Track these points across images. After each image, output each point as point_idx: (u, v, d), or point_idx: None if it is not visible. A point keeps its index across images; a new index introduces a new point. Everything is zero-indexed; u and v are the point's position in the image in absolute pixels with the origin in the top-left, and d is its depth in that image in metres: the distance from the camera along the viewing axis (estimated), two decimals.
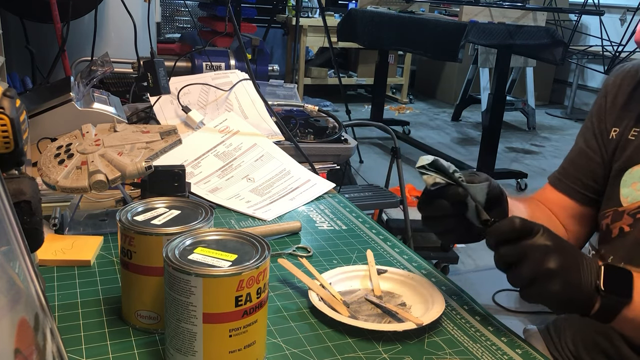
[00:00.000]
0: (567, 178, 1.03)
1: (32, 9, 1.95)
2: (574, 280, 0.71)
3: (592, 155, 1.00)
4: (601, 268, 0.73)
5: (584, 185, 1.01)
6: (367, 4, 4.44)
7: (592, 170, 1.00)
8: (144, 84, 1.43)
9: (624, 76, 0.98)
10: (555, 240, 0.72)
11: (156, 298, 0.72)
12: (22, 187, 0.67)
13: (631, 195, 0.91)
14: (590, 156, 1.00)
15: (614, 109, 0.98)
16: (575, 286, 0.71)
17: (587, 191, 1.01)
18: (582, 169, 1.02)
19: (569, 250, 0.72)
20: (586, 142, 1.02)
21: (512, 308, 2.54)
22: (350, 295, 0.86)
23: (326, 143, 1.48)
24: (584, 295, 0.72)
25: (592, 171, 1.00)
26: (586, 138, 1.02)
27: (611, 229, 0.93)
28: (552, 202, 1.05)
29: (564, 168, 1.05)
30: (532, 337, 1.11)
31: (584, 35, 5.78)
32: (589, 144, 1.01)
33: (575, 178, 1.02)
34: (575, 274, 0.71)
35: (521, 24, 3.43)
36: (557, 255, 0.70)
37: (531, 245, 0.71)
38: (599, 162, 0.99)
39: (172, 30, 5.37)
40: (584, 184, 1.01)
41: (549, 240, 0.71)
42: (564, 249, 0.72)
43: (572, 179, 1.03)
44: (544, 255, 0.70)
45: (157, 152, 0.96)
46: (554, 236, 0.72)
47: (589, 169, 1.01)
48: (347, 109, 4.38)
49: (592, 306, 0.72)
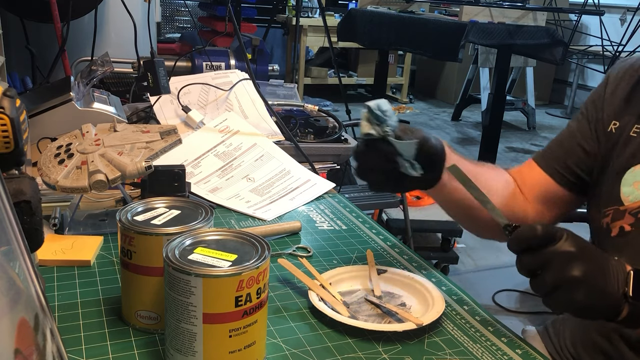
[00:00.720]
0: (551, 156, 1.03)
1: (32, 9, 1.95)
2: (599, 287, 0.69)
3: (580, 140, 0.99)
4: (630, 274, 0.71)
5: (566, 167, 1.00)
6: (367, 4, 4.44)
7: (578, 155, 0.99)
8: (144, 84, 1.43)
9: (627, 69, 0.97)
10: (579, 246, 0.70)
11: (156, 298, 0.72)
12: (22, 187, 0.67)
13: (633, 194, 0.90)
14: (579, 141, 1.00)
15: (613, 100, 0.97)
16: (600, 293, 0.69)
17: (567, 173, 1.00)
18: (568, 151, 1.01)
19: (594, 256, 0.71)
20: (578, 126, 1.01)
21: (512, 308, 2.54)
22: (350, 295, 0.86)
23: (326, 143, 1.48)
24: (610, 302, 0.70)
25: (577, 156, 0.99)
26: (579, 122, 1.01)
27: (611, 227, 0.93)
28: (528, 176, 1.05)
29: (550, 147, 1.05)
30: (531, 338, 1.11)
31: (584, 35, 5.78)
32: (582, 129, 1.00)
33: (559, 159, 1.01)
34: (601, 281, 0.69)
35: (521, 24, 3.43)
36: (581, 262, 0.69)
37: (554, 252, 0.69)
38: (586, 149, 0.98)
39: (172, 30, 5.37)
40: (567, 166, 1.00)
41: (572, 246, 0.69)
42: (589, 254, 0.70)
43: (555, 159, 1.02)
44: (568, 263, 0.68)
45: (157, 152, 0.96)
46: (579, 241, 0.70)
47: (575, 153, 1.00)
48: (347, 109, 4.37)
49: (620, 313, 0.71)
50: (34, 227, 0.67)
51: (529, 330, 1.14)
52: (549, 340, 1.08)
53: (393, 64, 6.09)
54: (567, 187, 1.01)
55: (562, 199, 1.02)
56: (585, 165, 0.99)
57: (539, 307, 2.47)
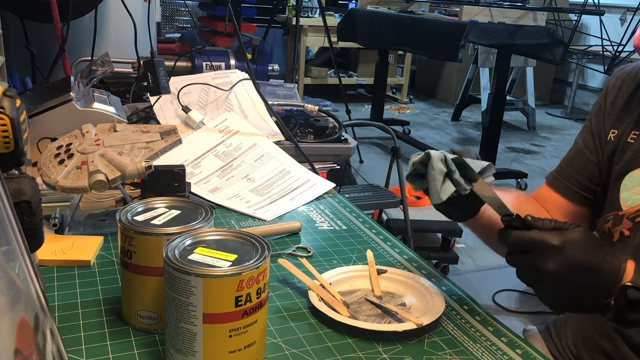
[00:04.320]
0: (563, 177, 1.04)
1: (32, 9, 1.95)
2: (577, 283, 0.71)
3: (589, 155, 1.00)
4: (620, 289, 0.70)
5: (580, 185, 1.01)
6: (367, 4, 4.44)
7: (589, 170, 1.00)
8: (144, 84, 1.43)
9: (625, 78, 0.98)
10: (567, 240, 0.70)
11: (156, 298, 0.72)
12: (22, 187, 0.67)
13: (631, 199, 0.91)
14: (587, 156, 1.01)
15: (613, 111, 0.98)
16: (580, 290, 0.71)
17: (582, 190, 1.01)
18: (578, 169, 1.02)
19: (580, 251, 0.71)
20: (584, 142, 1.02)
21: (512, 308, 2.54)
22: (350, 295, 0.86)
23: (326, 143, 1.48)
24: (594, 302, 0.72)
25: (588, 171, 1.00)
26: (585, 138, 1.02)
27: (612, 232, 0.93)
28: (547, 200, 1.05)
29: (561, 167, 1.06)
30: (532, 338, 1.11)
31: (584, 35, 5.78)
32: (587, 144, 1.01)
33: (571, 177, 1.02)
34: (582, 278, 0.71)
35: (521, 23, 3.43)
36: (560, 255, 0.70)
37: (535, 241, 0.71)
38: (595, 162, 0.99)
39: (172, 30, 5.38)
40: (580, 184, 1.01)
41: (558, 239, 0.70)
42: (576, 249, 0.70)
43: (568, 178, 1.03)
44: (546, 255, 0.70)
45: (157, 152, 0.96)
46: (572, 235, 0.71)
47: (585, 169, 1.01)
48: (347, 109, 4.38)
49: (606, 312, 0.72)
50: (34, 227, 0.67)
51: (530, 330, 1.14)
52: (551, 340, 1.08)
53: (393, 64, 6.09)
54: (584, 204, 1.02)
55: (583, 216, 1.03)
56: (596, 180, 1.00)
57: (539, 307, 2.47)
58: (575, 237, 0.71)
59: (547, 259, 0.70)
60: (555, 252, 0.70)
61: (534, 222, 0.72)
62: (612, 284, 0.71)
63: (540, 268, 0.70)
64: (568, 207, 1.03)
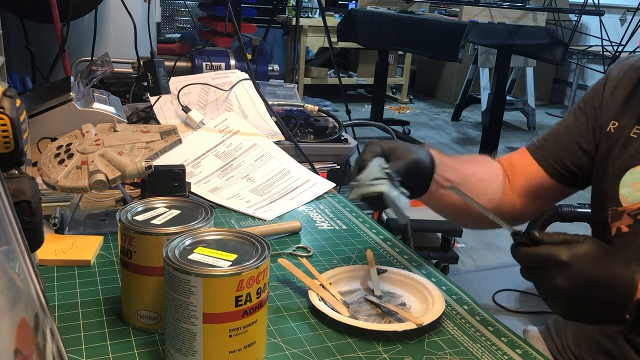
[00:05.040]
0: (546, 149, 1.02)
1: (32, 9, 1.95)
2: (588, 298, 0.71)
3: (578, 138, 0.99)
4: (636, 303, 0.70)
5: (561, 162, 1.00)
6: (367, 4, 4.44)
7: (575, 152, 0.99)
8: (144, 84, 1.43)
9: (628, 69, 0.96)
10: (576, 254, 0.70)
11: (156, 298, 0.72)
12: (22, 187, 0.67)
13: (632, 196, 0.90)
14: (577, 138, 0.99)
15: (612, 100, 0.96)
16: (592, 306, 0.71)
17: (561, 168, 1.00)
18: (564, 147, 1.00)
19: (589, 266, 0.70)
20: (576, 123, 1.00)
21: (512, 308, 2.54)
22: (350, 295, 0.86)
23: (326, 143, 1.48)
24: (607, 316, 0.72)
25: (574, 153, 0.99)
26: (577, 119, 1.01)
27: (611, 227, 0.93)
28: (519, 165, 1.04)
29: (545, 139, 1.04)
30: (532, 338, 1.11)
31: (584, 35, 5.78)
32: (580, 126, 0.99)
33: (553, 152, 1.01)
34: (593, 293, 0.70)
35: (521, 24, 3.43)
36: (569, 271, 0.69)
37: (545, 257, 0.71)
38: (585, 149, 0.98)
39: (172, 30, 5.38)
40: (562, 161, 1.00)
41: (567, 254, 0.70)
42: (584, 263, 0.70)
43: (551, 153, 1.01)
44: (555, 271, 0.70)
45: (157, 152, 0.96)
46: (582, 248, 0.70)
47: (571, 150, 0.99)
48: (347, 109, 4.37)
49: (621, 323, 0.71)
50: (34, 227, 0.67)
51: (531, 330, 1.14)
52: (551, 341, 1.07)
53: (393, 64, 6.09)
54: (559, 180, 1.01)
55: (550, 191, 1.02)
56: (580, 162, 0.99)
57: (539, 307, 2.47)
58: (584, 251, 0.70)
59: (556, 275, 0.69)
60: (563, 267, 0.69)
61: (542, 237, 0.72)
62: (627, 297, 0.70)
63: (551, 284, 0.70)
64: (540, 178, 1.02)
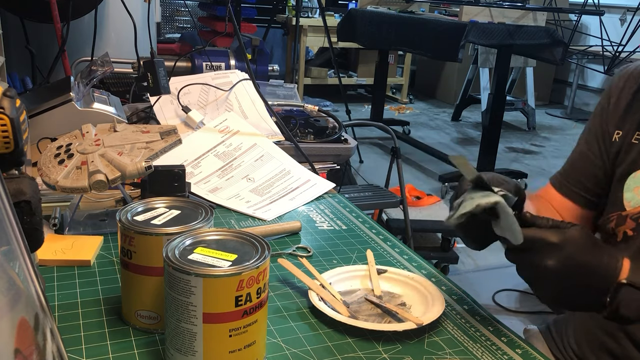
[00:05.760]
0: (568, 181, 1.03)
1: (32, 9, 1.95)
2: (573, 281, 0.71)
3: (593, 158, 1.00)
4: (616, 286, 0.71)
5: (586, 189, 1.01)
6: (367, 4, 4.44)
7: (594, 173, 1.00)
8: (144, 84, 1.43)
9: (627, 78, 0.98)
10: (566, 238, 0.70)
11: (156, 298, 0.72)
12: (22, 187, 0.67)
13: (634, 200, 0.91)
14: (591, 159, 1.00)
15: (616, 111, 0.97)
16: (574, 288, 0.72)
17: (588, 194, 1.01)
18: (583, 172, 1.01)
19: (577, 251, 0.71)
20: (588, 144, 1.01)
21: (512, 308, 2.54)
22: (350, 295, 0.86)
23: (326, 143, 1.48)
24: (589, 299, 0.72)
25: (593, 175, 1.00)
26: (588, 140, 1.02)
27: (616, 232, 0.93)
28: (555, 202, 1.05)
29: (565, 170, 1.05)
30: (533, 337, 1.11)
31: (584, 35, 5.78)
32: (591, 146, 1.01)
33: (576, 181, 1.02)
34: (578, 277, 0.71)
35: (521, 24, 3.44)
36: (559, 253, 0.70)
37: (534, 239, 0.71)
38: (600, 165, 0.99)
39: (172, 30, 5.38)
40: (586, 187, 1.01)
41: (557, 237, 0.70)
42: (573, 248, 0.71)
43: (573, 182, 1.02)
44: (544, 252, 0.70)
45: (157, 152, 0.96)
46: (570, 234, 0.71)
47: (590, 173, 1.00)
48: (347, 109, 4.38)
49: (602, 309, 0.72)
50: (34, 227, 0.67)
51: (531, 330, 1.14)
52: (552, 340, 1.08)
53: (393, 64, 6.09)
54: (588, 206, 1.02)
55: (584, 218, 1.03)
56: (602, 182, 1.00)
57: (539, 307, 2.47)
58: (575, 236, 0.71)
59: (547, 256, 0.70)
60: (554, 249, 0.70)
61: (533, 220, 0.72)
62: (609, 282, 0.71)
63: (540, 265, 0.70)
64: (576, 211, 1.02)
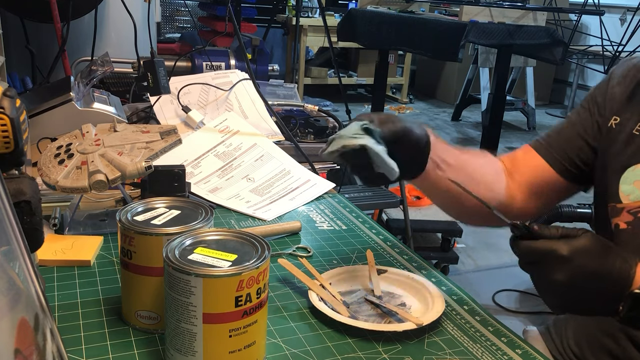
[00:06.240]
0: (551, 146, 1.02)
1: (32, 9, 1.95)
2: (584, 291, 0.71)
3: (581, 131, 0.99)
4: (628, 296, 0.70)
5: (566, 156, 0.99)
6: (367, 4, 4.44)
7: (578, 145, 0.99)
8: (144, 84, 1.43)
9: (631, 67, 0.97)
10: (575, 248, 0.70)
11: (156, 298, 0.72)
12: (22, 187, 0.67)
13: (633, 194, 0.90)
14: (580, 132, 0.99)
15: (615, 96, 0.96)
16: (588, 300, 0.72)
17: (566, 162, 0.99)
18: (568, 141, 1.00)
19: (589, 261, 0.70)
20: (579, 118, 1.00)
21: (512, 308, 2.54)
22: (350, 295, 0.86)
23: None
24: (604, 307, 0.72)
25: (577, 146, 0.99)
26: (580, 115, 1.00)
27: (611, 222, 0.93)
28: (523, 162, 1.04)
29: (549, 136, 1.03)
30: (532, 339, 1.11)
31: (584, 35, 5.78)
32: (583, 121, 0.99)
33: (559, 148, 1.00)
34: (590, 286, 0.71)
35: (521, 24, 3.43)
36: (569, 265, 0.69)
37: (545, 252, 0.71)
38: (588, 141, 0.98)
39: (172, 30, 5.37)
40: (566, 155, 0.99)
41: (567, 248, 0.70)
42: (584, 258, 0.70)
43: (556, 148, 1.01)
44: (555, 265, 0.70)
45: (157, 152, 0.96)
46: (580, 242, 0.70)
47: (575, 143, 0.99)
48: (347, 109, 4.37)
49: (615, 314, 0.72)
50: (34, 227, 0.67)
51: (531, 331, 1.14)
52: (551, 341, 1.07)
53: (393, 64, 6.09)
54: (565, 175, 1.00)
55: (555, 187, 1.01)
56: (585, 156, 0.98)
57: (539, 307, 2.47)
58: (584, 245, 0.70)
59: (556, 270, 0.69)
60: (564, 262, 0.69)
61: (541, 231, 0.71)
62: (623, 288, 0.70)
63: (550, 279, 0.70)
64: (546, 173, 1.01)
